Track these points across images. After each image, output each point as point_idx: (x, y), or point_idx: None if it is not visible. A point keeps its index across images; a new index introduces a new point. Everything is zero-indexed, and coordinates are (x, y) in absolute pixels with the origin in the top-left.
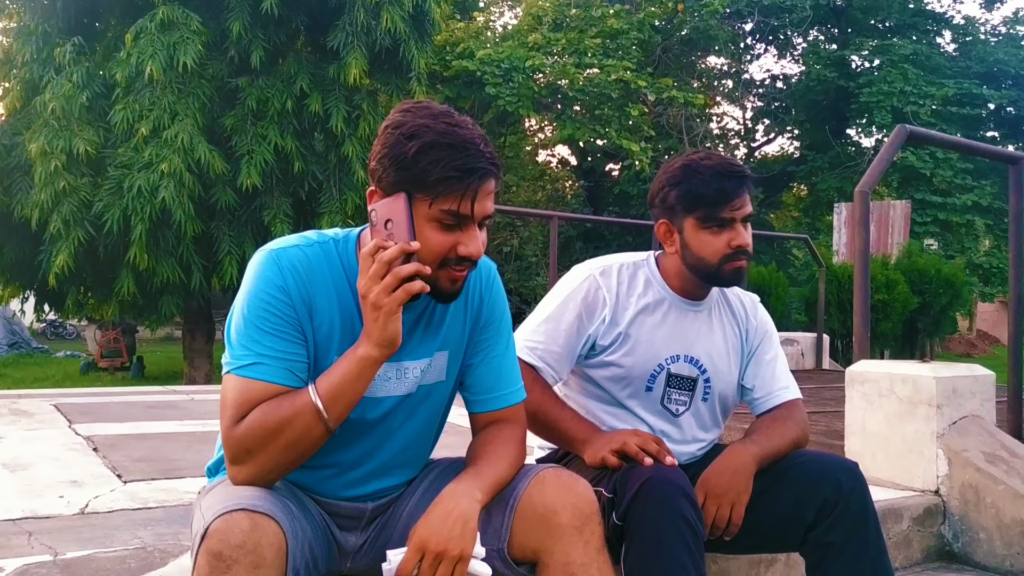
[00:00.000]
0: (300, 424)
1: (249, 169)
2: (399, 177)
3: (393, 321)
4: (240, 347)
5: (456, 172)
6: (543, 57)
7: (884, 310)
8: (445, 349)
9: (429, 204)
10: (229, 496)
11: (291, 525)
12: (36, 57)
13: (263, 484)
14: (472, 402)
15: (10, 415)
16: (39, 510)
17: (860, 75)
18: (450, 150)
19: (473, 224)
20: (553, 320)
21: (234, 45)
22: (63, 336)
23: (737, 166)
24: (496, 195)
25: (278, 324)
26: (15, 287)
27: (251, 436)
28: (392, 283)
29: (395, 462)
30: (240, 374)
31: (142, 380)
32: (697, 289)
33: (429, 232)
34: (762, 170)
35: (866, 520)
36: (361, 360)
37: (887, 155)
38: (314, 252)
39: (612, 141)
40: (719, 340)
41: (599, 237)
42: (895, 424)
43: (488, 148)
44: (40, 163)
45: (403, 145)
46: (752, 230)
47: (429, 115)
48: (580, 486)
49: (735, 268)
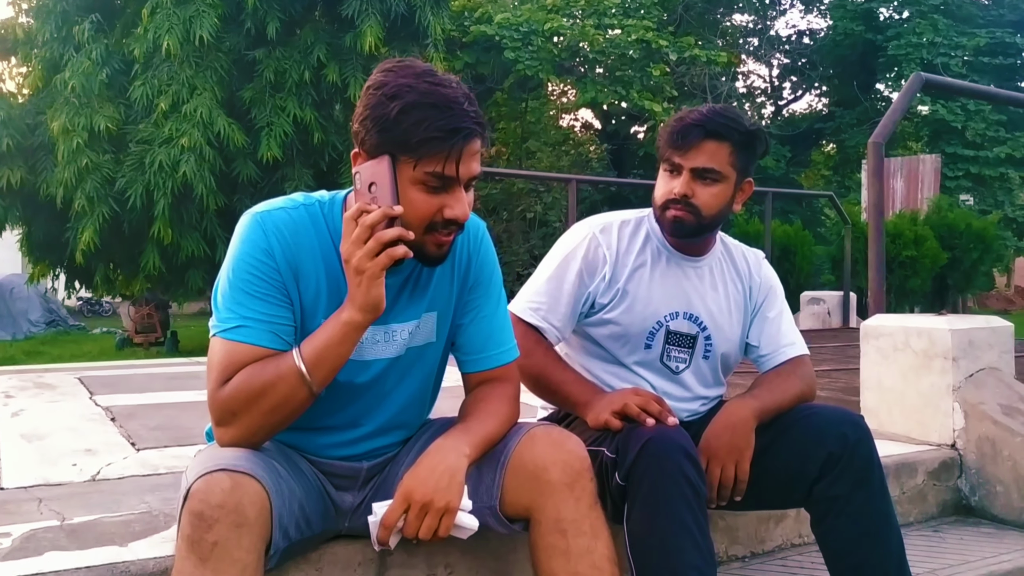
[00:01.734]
0: (284, 387)
1: (269, 141)
2: (382, 139)
3: (376, 286)
4: (226, 310)
5: (440, 133)
6: (562, 19)
7: (913, 266)
8: (433, 310)
9: (413, 166)
10: (212, 458)
11: (275, 484)
12: (56, 36)
13: (249, 446)
14: (463, 362)
15: (34, 388)
16: (51, 477)
17: (888, 27)
18: (433, 110)
19: (459, 186)
20: (555, 280)
21: (250, 17)
22: (99, 313)
23: (703, 115)
24: (499, 155)
25: (263, 287)
26: (44, 265)
27: (236, 399)
28: (375, 248)
29: (390, 424)
30: (225, 337)
31: (176, 354)
32: (696, 244)
33: (414, 195)
34: (789, 128)
35: (871, 473)
36: (345, 325)
37: (901, 104)
38: (299, 215)
39: (634, 103)
40: (720, 296)
41: (624, 201)
42: (910, 378)
43: (473, 107)
44: (62, 141)
45: (385, 106)
46: (779, 189)
47: (411, 74)
48: (570, 443)
49: (670, 217)
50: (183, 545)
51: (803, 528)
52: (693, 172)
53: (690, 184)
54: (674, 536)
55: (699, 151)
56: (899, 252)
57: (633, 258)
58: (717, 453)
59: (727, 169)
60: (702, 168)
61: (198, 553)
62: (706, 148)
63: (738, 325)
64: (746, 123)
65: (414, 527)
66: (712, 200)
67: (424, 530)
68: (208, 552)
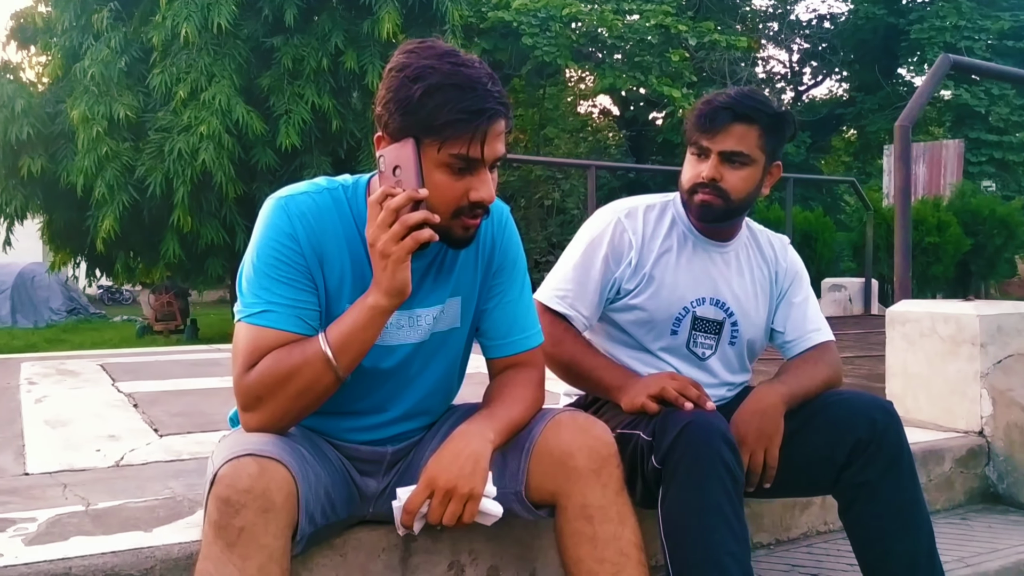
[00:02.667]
0: (310, 372)
1: (288, 129)
2: (406, 122)
3: (401, 270)
4: (251, 295)
5: (464, 114)
6: (580, 5)
7: (936, 253)
8: (458, 295)
9: (438, 149)
10: (239, 443)
11: (301, 470)
12: (75, 24)
13: (275, 431)
14: (488, 347)
15: (57, 375)
16: (75, 463)
17: (911, 11)
18: (457, 91)
19: (484, 168)
20: (581, 266)
21: (267, 4)
22: (119, 301)
23: (732, 98)
24: (516, 142)
25: (288, 272)
26: (65, 253)
27: (262, 383)
28: (400, 231)
29: (414, 409)
30: (251, 322)
31: (196, 342)
32: (723, 229)
33: (439, 178)
34: (810, 114)
35: (900, 459)
36: (371, 309)
37: (928, 87)
38: (323, 199)
39: (653, 88)
40: (747, 282)
41: (643, 188)
42: (937, 364)
43: (496, 87)
44: (82, 129)
45: (408, 88)
46: (799, 175)
47: (434, 55)
48: (596, 428)
49: (698, 202)
50: (210, 531)
51: (829, 515)
52: (721, 155)
53: (718, 168)
54: (711, 520)
55: (728, 134)
56: (922, 238)
57: (659, 243)
58: (746, 439)
59: (756, 152)
60: (730, 151)
61: (225, 538)
62: (735, 131)
63: (764, 311)
64: (774, 106)
65: (438, 513)
66: (741, 184)
67: (448, 516)
68: (235, 537)
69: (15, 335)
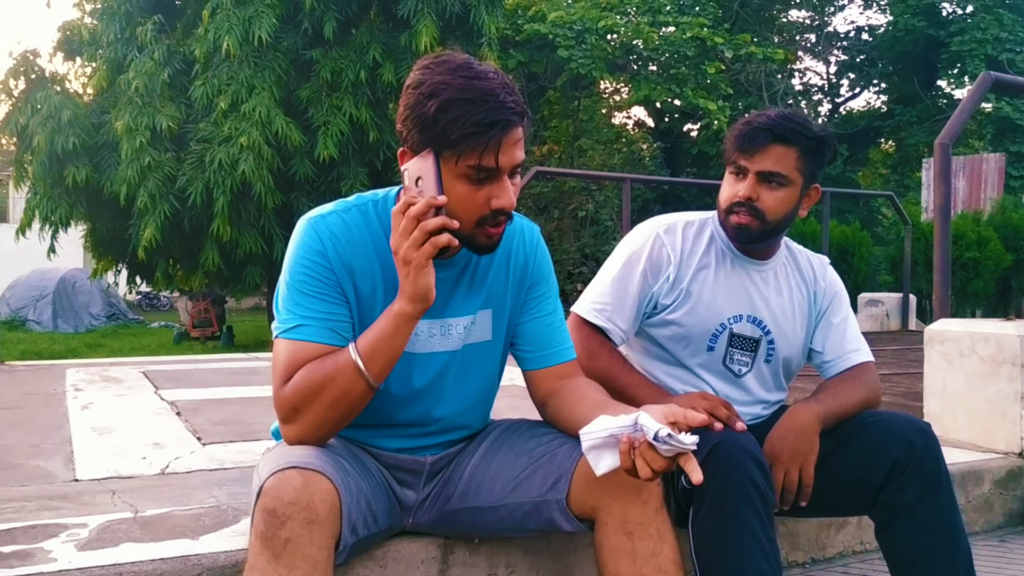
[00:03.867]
0: (342, 381)
1: (326, 140)
2: (423, 137)
3: (423, 275)
4: (286, 311)
5: (476, 127)
6: (616, 17)
7: (976, 268)
8: (489, 307)
9: (455, 161)
10: (283, 456)
11: (344, 481)
12: (120, 36)
13: (314, 442)
14: (527, 359)
15: (101, 382)
16: (122, 470)
17: (951, 23)
18: (469, 105)
19: (502, 176)
20: (620, 280)
21: (307, 17)
22: (157, 307)
23: (771, 119)
24: (551, 153)
25: (319, 287)
26: (107, 261)
27: (297, 395)
28: (420, 237)
29: (451, 419)
30: (287, 337)
31: (231, 348)
32: (761, 248)
33: (460, 188)
34: (847, 126)
35: (939, 481)
36: (396, 316)
37: (969, 105)
38: (351, 216)
39: (689, 101)
40: (785, 301)
41: (677, 199)
42: (976, 384)
43: (511, 96)
44: (126, 140)
45: (423, 105)
46: (836, 188)
47: (447, 70)
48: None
49: (734, 222)
50: (256, 541)
51: (865, 535)
52: (759, 175)
53: (755, 187)
54: (740, 540)
55: (765, 155)
56: (961, 254)
57: (697, 259)
58: (781, 457)
59: (793, 174)
60: (768, 172)
61: (271, 549)
62: (772, 152)
63: (801, 330)
64: (814, 128)
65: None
66: (777, 204)
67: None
68: (281, 548)
69: (56, 339)
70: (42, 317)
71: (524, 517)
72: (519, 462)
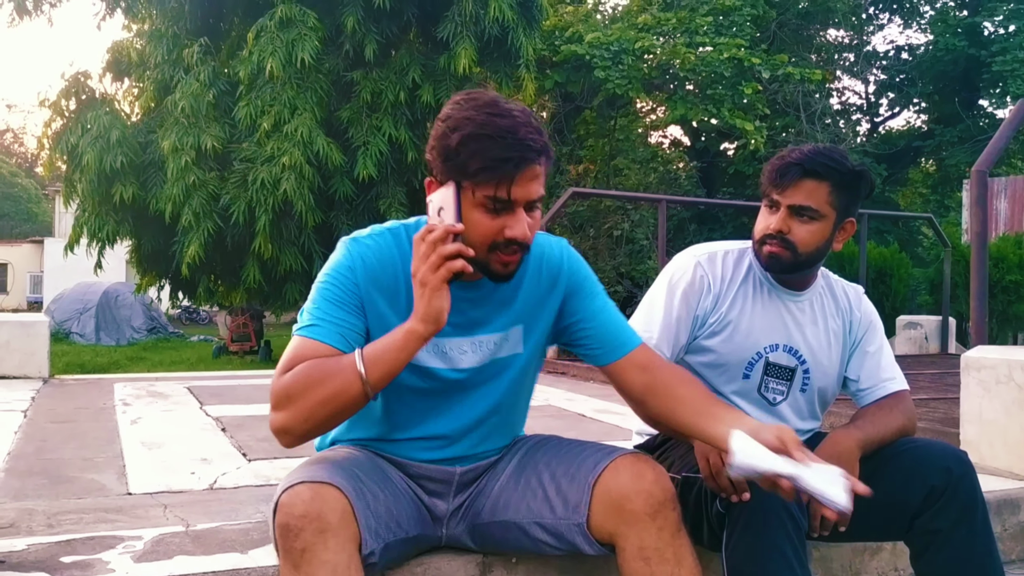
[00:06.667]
0: (340, 379)
1: (365, 160)
2: (446, 167)
3: (437, 298)
4: (306, 313)
5: (491, 162)
6: (653, 38)
7: (1017, 291)
8: (520, 324)
9: (473, 191)
10: (296, 473)
11: (356, 489)
12: (167, 58)
13: (299, 434)
14: (598, 355)
15: (148, 397)
16: (173, 485)
17: (993, 42)
18: (487, 141)
19: (517, 208)
20: (663, 309)
21: (349, 39)
22: (197, 322)
23: (804, 154)
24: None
25: (340, 296)
26: (152, 276)
27: (294, 384)
28: (437, 262)
29: (480, 431)
30: (299, 334)
31: (269, 363)
32: (797, 279)
33: (476, 216)
34: (886, 146)
35: (975, 508)
36: (407, 333)
37: (1008, 131)
38: (384, 240)
39: (725, 120)
40: (820, 331)
41: (713, 219)
42: (1014, 412)
43: (532, 134)
44: (172, 159)
45: (448, 138)
46: (875, 210)
47: (474, 106)
48: (653, 473)
49: (766, 253)
50: (278, 554)
51: (899, 561)
52: (790, 209)
53: (787, 220)
54: (772, 565)
55: (797, 189)
56: (1002, 276)
57: (736, 288)
58: None
59: (825, 208)
60: (799, 205)
61: (291, 560)
62: (804, 187)
63: (837, 360)
64: (848, 163)
65: None
66: (809, 237)
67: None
68: (299, 558)
69: (99, 352)
70: (85, 330)
71: (550, 537)
72: (544, 482)
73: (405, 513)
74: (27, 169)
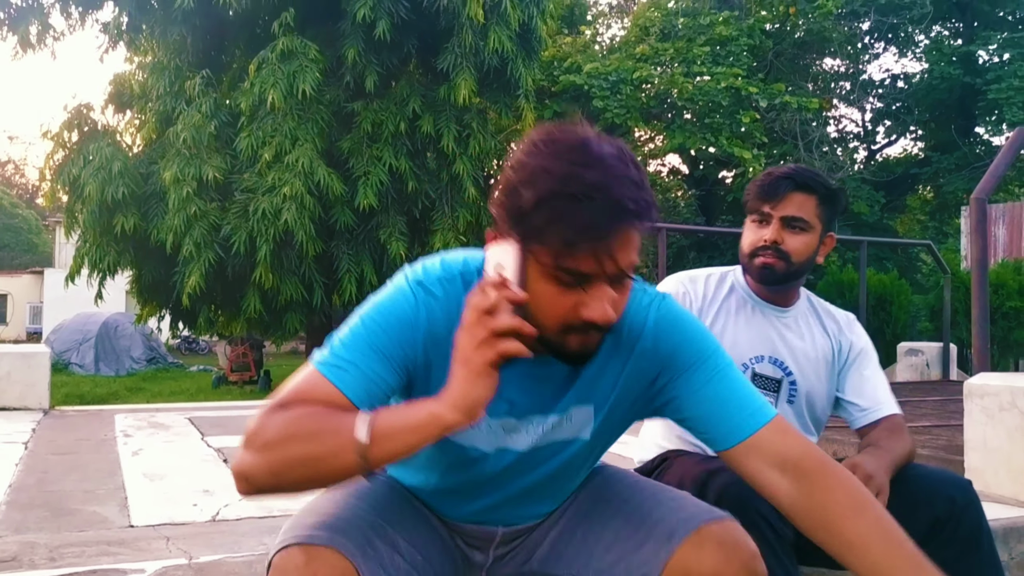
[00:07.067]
0: (332, 442)
1: (366, 190)
2: (515, 231)
3: (478, 386)
4: (338, 345)
5: (575, 233)
6: (650, 68)
7: (1018, 317)
8: (589, 403)
9: (547, 258)
10: (295, 524)
11: (364, 548)
12: (169, 90)
13: (260, 488)
14: (708, 441)
15: (149, 427)
16: (175, 517)
17: (988, 71)
18: (571, 203)
19: (599, 282)
20: None
21: (349, 71)
22: (196, 351)
23: (792, 170)
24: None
25: (386, 345)
26: (152, 306)
27: (277, 428)
28: (484, 337)
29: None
30: (318, 368)
31: (269, 393)
32: (782, 294)
33: (543, 287)
34: (883, 173)
35: (980, 538)
36: (430, 416)
37: (1005, 160)
38: (454, 289)
39: (723, 149)
40: (807, 346)
41: (712, 247)
42: (1018, 439)
43: (629, 191)
44: (173, 190)
45: (518, 196)
46: (874, 238)
47: (554, 152)
48: (749, 544)
49: (759, 264)
50: None
51: None
52: (783, 220)
53: (780, 232)
54: None
55: (788, 201)
56: (1002, 303)
57: (719, 304)
58: None
59: (814, 220)
60: (792, 216)
61: None
62: (795, 199)
63: (825, 377)
64: (829, 181)
65: None
66: (801, 247)
67: None
68: None
69: (98, 382)
70: (85, 360)
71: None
72: (604, 540)
73: (436, 559)
74: (28, 200)
